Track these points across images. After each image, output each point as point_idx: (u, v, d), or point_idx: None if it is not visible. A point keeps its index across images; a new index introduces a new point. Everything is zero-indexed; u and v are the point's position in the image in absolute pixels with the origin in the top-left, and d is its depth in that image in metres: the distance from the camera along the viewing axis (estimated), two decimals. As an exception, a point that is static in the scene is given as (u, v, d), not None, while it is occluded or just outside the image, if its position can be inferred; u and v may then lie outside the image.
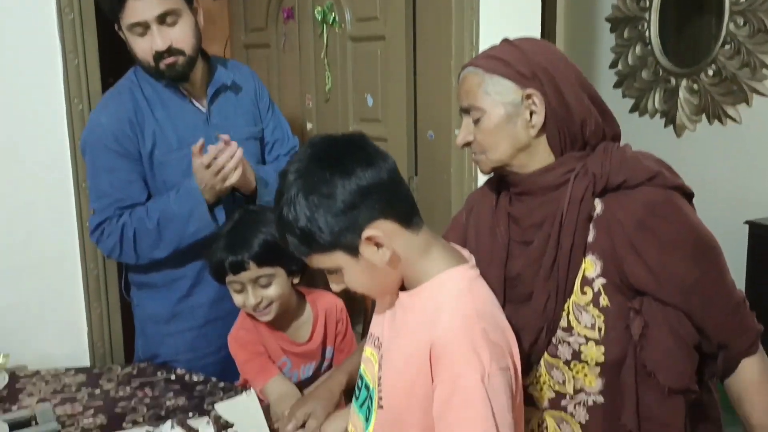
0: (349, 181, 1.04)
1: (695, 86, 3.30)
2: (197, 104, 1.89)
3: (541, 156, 1.26)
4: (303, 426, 1.43)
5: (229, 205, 1.83)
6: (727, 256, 1.24)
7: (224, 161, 1.69)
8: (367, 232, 1.06)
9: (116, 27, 1.77)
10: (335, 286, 1.16)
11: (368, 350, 1.24)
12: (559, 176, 1.25)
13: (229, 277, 1.60)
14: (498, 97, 1.22)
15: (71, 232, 2.01)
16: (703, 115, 3.32)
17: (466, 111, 1.28)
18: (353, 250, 1.07)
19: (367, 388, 1.22)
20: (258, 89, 2.03)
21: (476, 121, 1.26)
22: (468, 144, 1.29)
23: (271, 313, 1.62)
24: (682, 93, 3.37)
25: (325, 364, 1.78)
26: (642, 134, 3.31)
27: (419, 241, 1.12)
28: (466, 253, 1.20)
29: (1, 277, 1.96)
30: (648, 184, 1.21)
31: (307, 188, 1.05)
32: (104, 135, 1.78)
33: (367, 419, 1.20)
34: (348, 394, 1.67)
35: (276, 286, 1.61)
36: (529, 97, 1.22)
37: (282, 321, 1.68)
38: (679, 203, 1.22)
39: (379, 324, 1.23)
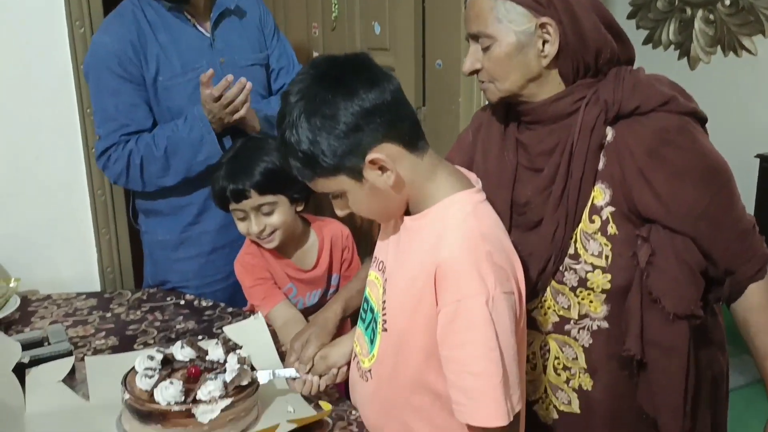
0: (352, 103, 1.02)
1: (711, 17, 3.22)
2: (201, 28, 1.85)
3: (552, 86, 1.23)
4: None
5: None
6: (741, 190, 1.23)
7: (234, 95, 1.69)
8: (371, 156, 1.04)
9: None
10: (339, 211, 1.15)
11: (372, 274, 1.25)
12: (569, 104, 1.22)
13: (232, 205, 1.61)
14: (510, 25, 1.18)
15: (77, 158, 2.00)
16: (718, 47, 3.25)
17: (474, 37, 1.23)
18: (357, 174, 1.06)
19: (372, 311, 1.23)
20: (263, 15, 1.99)
21: (485, 49, 1.22)
22: (475, 72, 1.26)
23: (275, 241, 1.63)
24: (698, 24, 3.29)
25: (331, 291, 1.80)
26: (655, 67, 3.20)
27: (424, 165, 1.10)
28: (472, 176, 1.18)
29: (9, 202, 1.97)
30: (661, 110, 1.18)
31: (309, 110, 1.03)
32: (107, 57, 1.76)
33: (372, 341, 1.22)
34: (353, 318, 1.71)
35: (279, 213, 1.61)
36: (543, 26, 1.17)
37: (287, 248, 1.69)
38: (692, 129, 1.20)
39: (383, 248, 1.22)
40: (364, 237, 2.16)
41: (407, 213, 1.16)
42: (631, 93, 1.19)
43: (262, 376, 1.31)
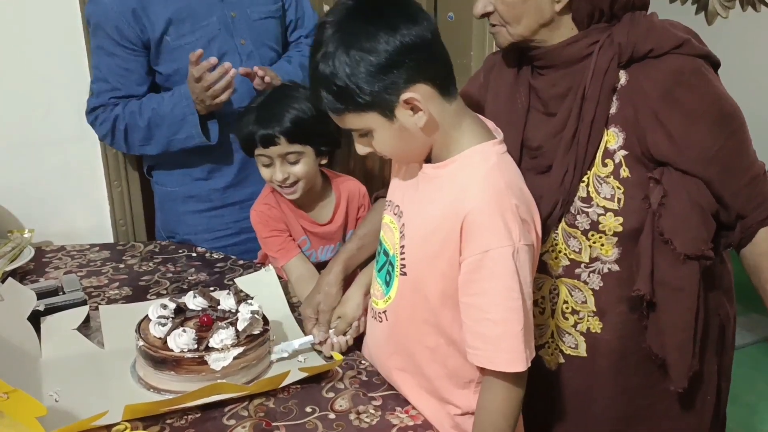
0: (393, 38, 0.99)
1: (731, -30, 3.15)
2: None
3: (564, 30, 1.22)
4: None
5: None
6: (755, 146, 1.23)
7: (214, 78, 1.64)
8: (406, 95, 1.02)
9: None
10: (361, 149, 1.14)
11: (387, 217, 1.25)
12: (583, 48, 1.22)
13: (259, 150, 1.59)
14: None
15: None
16: (737, 2, 3.19)
17: None
18: (389, 113, 1.04)
19: (386, 254, 1.23)
20: None
21: None
22: (487, 15, 1.24)
23: (297, 192, 1.62)
24: (717, -23, 3.22)
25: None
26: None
27: (452, 111, 1.09)
28: (492, 125, 1.18)
29: (22, 154, 1.98)
30: (675, 52, 1.17)
31: (348, 42, 1.00)
32: (105, 19, 1.72)
33: (388, 283, 1.23)
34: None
35: (303, 164, 1.60)
36: None
37: (305, 200, 1.69)
38: (706, 72, 1.19)
39: (398, 191, 1.22)
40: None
41: (428, 160, 1.15)
42: (645, 36, 1.18)
43: (281, 350, 1.32)
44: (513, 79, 1.32)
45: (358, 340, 1.40)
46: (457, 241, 1.09)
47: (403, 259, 1.18)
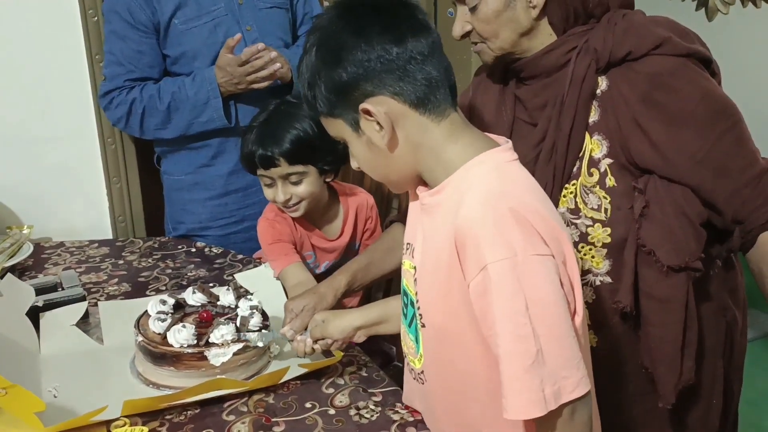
0: (366, 52, 0.93)
1: (731, -34, 3.14)
2: None
3: (543, 37, 1.20)
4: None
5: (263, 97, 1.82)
6: (756, 145, 1.17)
7: (261, 65, 1.70)
8: (365, 105, 0.94)
9: None
10: (352, 161, 1.07)
11: (407, 262, 1.09)
12: (561, 55, 1.20)
13: (260, 171, 1.57)
14: None
15: (87, 106, 2.00)
16: (737, -2, 3.18)
17: (460, 0, 1.21)
18: (354, 123, 0.97)
19: (412, 304, 1.07)
20: None
21: (472, 9, 1.19)
22: (467, 35, 1.22)
23: (300, 211, 1.59)
24: (717, -26, 3.21)
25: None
26: (671, 17, 3.19)
27: (441, 130, 0.97)
28: (502, 139, 1.02)
29: (21, 150, 1.98)
30: (654, 53, 1.14)
31: (320, 45, 0.96)
32: (119, 3, 1.77)
33: (417, 340, 1.08)
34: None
35: (307, 184, 1.56)
36: None
37: (313, 216, 1.66)
38: (689, 71, 1.14)
39: (410, 229, 1.10)
40: (387, 207, 2.13)
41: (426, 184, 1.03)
42: (622, 38, 1.15)
43: (254, 339, 1.25)
44: (499, 92, 1.31)
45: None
46: (458, 265, 0.93)
47: (419, 308, 1.04)
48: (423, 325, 1.03)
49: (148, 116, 1.81)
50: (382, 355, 1.83)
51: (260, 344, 1.26)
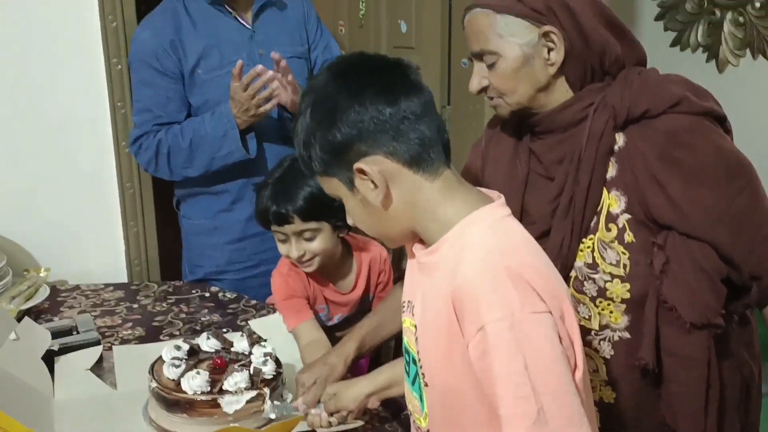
0: (355, 109, 0.94)
1: (741, 19, 3.18)
2: (242, 20, 1.90)
3: (560, 93, 1.21)
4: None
5: (279, 131, 1.88)
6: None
7: (260, 86, 1.73)
8: (359, 164, 0.95)
9: None
10: (348, 219, 1.06)
11: (407, 320, 1.08)
12: (578, 111, 1.20)
13: (274, 227, 1.58)
14: (513, 39, 1.16)
15: (108, 151, 2.04)
16: (747, 50, 3.21)
17: (477, 56, 1.21)
18: (349, 181, 0.98)
19: (414, 362, 1.06)
20: (306, 9, 2.03)
21: (490, 66, 1.19)
22: (483, 90, 1.23)
23: (314, 266, 1.60)
24: (727, 26, 3.24)
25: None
26: (683, 69, 3.12)
27: (436, 188, 0.97)
28: (495, 194, 1.03)
29: (41, 193, 2.01)
30: (671, 111, 1.15)
31: (315, 103, 0.97)
32: (145, 51, 1.83)
33: (421, 398, 1.06)
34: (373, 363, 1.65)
35: (320, 240, 1.56)
36: (546, 34, 1.15)
37: (326, 270, 1.66)
38: (705, 129, 1.16)
39: (409, 287, 1.09)
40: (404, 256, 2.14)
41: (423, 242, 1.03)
42: (639, 96, 1.16)
43: (267, 410, 1.25)
44: (513, 145, 1.31)
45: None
46: (458, 325, 0.92)
47: (421, 367, 1.03)
48: (426, 384, 1.03)
49: (173, 155, 1.85)
50: (393, 404, 1.81)
51: (272, 416, 1.25)
